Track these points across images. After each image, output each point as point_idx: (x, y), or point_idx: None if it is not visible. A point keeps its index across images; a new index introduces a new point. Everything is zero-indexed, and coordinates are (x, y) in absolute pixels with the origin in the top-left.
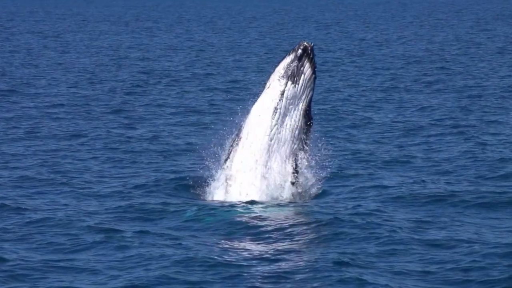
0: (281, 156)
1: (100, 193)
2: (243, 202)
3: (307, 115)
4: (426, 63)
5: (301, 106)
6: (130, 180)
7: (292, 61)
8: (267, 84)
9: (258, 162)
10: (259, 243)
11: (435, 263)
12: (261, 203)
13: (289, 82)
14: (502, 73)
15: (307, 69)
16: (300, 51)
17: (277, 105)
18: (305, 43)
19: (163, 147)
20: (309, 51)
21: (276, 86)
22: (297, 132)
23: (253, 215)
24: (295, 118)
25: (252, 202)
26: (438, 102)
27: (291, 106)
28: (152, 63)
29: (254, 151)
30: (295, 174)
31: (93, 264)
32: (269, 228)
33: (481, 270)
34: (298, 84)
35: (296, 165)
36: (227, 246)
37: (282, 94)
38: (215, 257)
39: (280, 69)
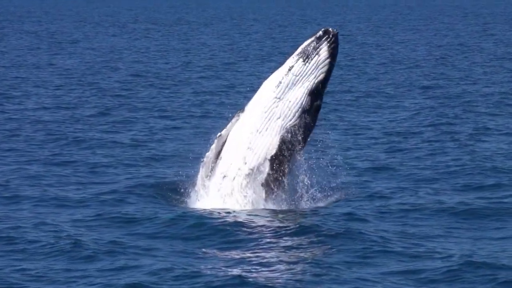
0: (271, 129)
1: (75, 199)
2: (223, 209)
3: (314, 96)
4: (426, 68)
5: (308, 85)
6: (107, 186)
7: (311, 42)
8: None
9: (248, 131)
10: (237, 252)
11: (418, 273)
12: (242, 210)
13: (300, 60)
14: (502, 79)
15: (323, 52)
16: (321, 32)
17: (282, 79)
18: (330, 28)
19: (147, 152)
20: (330, 36)
21: (288, 62)
22: (295, 110)
23: (232, 221)
24: (297, 96)
25: (233, 210)
26: (434, 107)
27: (296, 83)
28: (145, 65)
29: (248, 121)
30: (283, 169)
31: (65, 274)
32: (248, 236)
33: (465, 282)
34: (309, 64)
35: (288, 149)
36: (205, 255)
37: (290, 69)
38: (192, 267)
39: (299, 48)
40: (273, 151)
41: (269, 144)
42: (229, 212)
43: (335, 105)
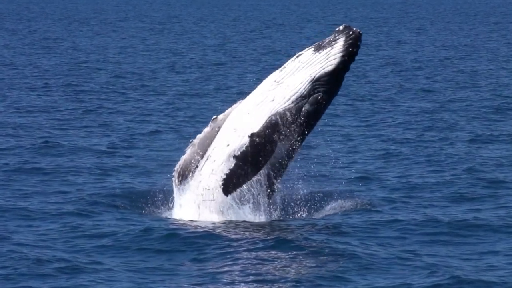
0: (261, 110)
1: (39, 210)
2: (198, 221)
3: (317, 86)
4: (428, 70)
5: (312, 73)
6: (76, 195)
7: (330, 36)
8: None
9: (239, 114)
10: (212, 266)
11: None
12: (219, 222)
13: (312, 49)
14: (509, 82)
15: (337, 46)
16: (341, 27)
17: (287, 64)
18: (353, 27)
19: (124, 159)
20: (350, 33)
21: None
22: (291, 94)
23: (208, 233)
24: (297, 81)
25: (210, 220)
26: (433, 112)
27: (299, 70)
28: (131, 66)
29: (243, 105)
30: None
31: None
32: (225, 249)
33: None
34: (319, 54)
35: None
36: (178, 269)
37: (298, 56)
38: (163, 283)
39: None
40: (255, 131)
41: (254, 124)
42: (205, 224)
43: (329, 109)
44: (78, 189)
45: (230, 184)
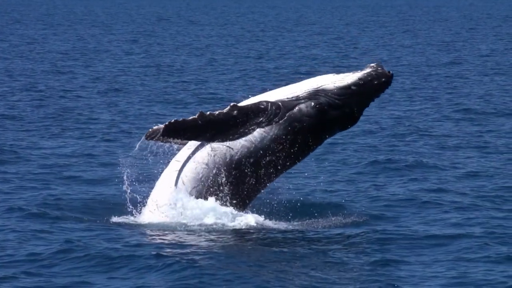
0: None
1: None
2: (154, 229)
3: (320, 95)
4: (418, 74)
5: (319, 83)
6: (19, 206)
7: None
8: None
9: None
10: (163, 276)
11: None
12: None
13: (335, 73)
14: (495, 88)
15: (359, 73)
16: (374, 64)
17: (307, 80)
18: (387, 71)
19: (82, 167)
20: (379, 69)
21: None
22: (289, 93)
23: (173, 241)
24: (301, 86)
25: (163, 227)
26: (413, 118)
27: (312, 84)
28: (108, 71)
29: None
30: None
31: None
32: (181, 260)
33: None
34: (337, 75)
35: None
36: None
37: (318, 76)
38: None
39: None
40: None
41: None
42: (160, 231)
43: None
44: (24, 200)
45: (175, 128)
